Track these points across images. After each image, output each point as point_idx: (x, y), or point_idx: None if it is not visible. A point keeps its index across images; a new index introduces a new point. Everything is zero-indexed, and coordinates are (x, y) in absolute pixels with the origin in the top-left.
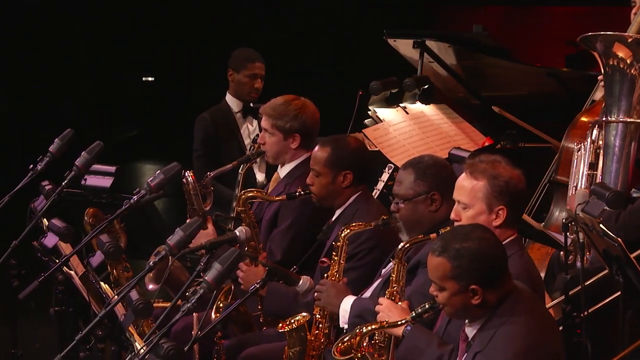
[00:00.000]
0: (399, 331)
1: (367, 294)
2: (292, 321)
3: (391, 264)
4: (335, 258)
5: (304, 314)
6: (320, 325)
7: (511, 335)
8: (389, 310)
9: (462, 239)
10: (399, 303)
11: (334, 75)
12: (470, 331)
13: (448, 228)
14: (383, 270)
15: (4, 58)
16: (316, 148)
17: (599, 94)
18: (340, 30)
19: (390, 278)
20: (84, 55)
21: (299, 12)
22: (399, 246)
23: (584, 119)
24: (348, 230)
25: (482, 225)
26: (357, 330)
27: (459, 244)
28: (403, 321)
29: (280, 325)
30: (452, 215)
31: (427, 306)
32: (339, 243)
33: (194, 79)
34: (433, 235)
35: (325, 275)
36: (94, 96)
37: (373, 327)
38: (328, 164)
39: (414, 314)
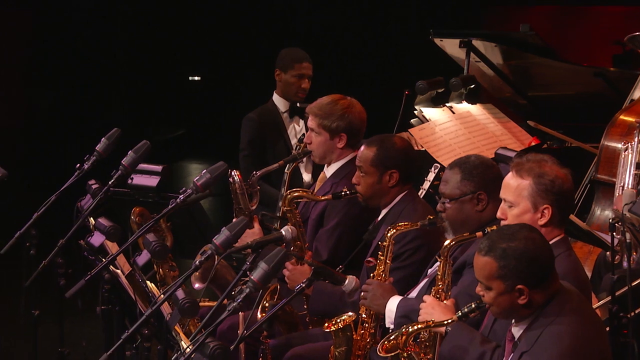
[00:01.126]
0: (442, 329)
1: (413, 294)
2: (338, 321)
3: (437, 263)
4: (382, 258)
5: (350, 313)
6: (366, 325)
7: (558, 335)
8: (432, 308)
9: (509, 239)
10: (444, 301)
11: (380, 74)
12: (516, 331)
13: (494, 227)
14: (429, 271)
15: (52, 57)
16: (362, 147)
17: (637, 93)
18: (387, 30)
19: (436, 276)
20: (132, 55)
21: (346, 12)
22: (445, 244)
23: (622, 117)
24: (394, 230)
25: (529, 225)
26: (403, 330)
27: (505, 244)
28: (449, 321)
29: (326, 325)
30: (499, 214)
31: (473, 306)
32: (385, 243)
33: (240, 78)
34: (479, 234)
35: (372, 275)
36: (141, 95)
37: (419, 326)
38: (374, 163)
39: (460, 314)
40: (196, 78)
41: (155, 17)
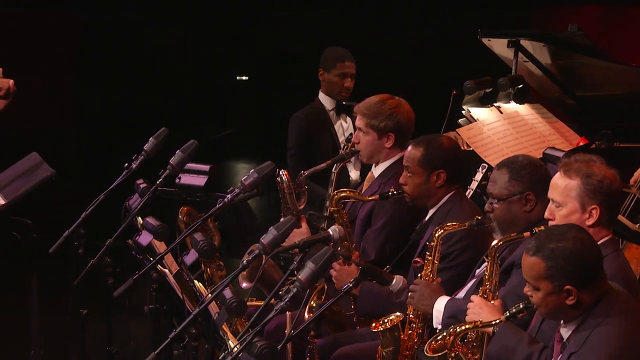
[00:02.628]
0: (490, 329)
1: (461, 294)
2: (386, 321)
3: (485, 264)
4: (429, 258)
5: (398, 313)
6: (414, 325)
7: (606, 336)
8: (479, 308)
9: (557, 239)
10: (492, 301)
11: (428, 74)
12: (565, 332)
13: (542, 227)
14: (477, 271)
15: (101, 57)
16: (409, 147)
17: None
18: (435, 29)
19: (484, 276)
20: (180, 55)
21: (394, 12)
22: (492, 244)
23: None
24: (442, 231)
25: (577, 225)
26: (451, 330)
27: (553, 244)
28: (497, 321)
29: (374, 325)
30: (546, 214)
31: (521, 306)
32: (432, 243)
33: (287, 77)
34: (527, 234)
35: (419, 275)
36: (189, 95)
37: (467, 326)
38: (421, 163)
39: (508, 314)
40: (244, 78)
41: (204, 16)
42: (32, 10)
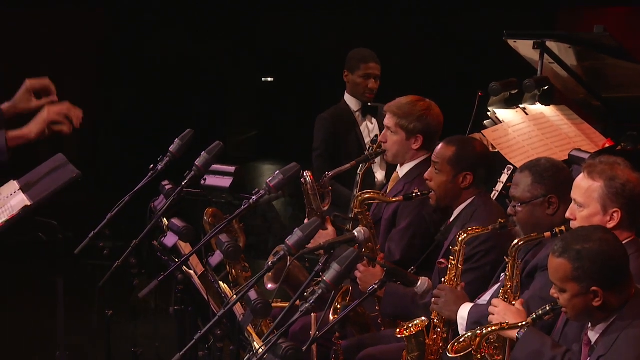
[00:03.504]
0: (513, 334)
1: (486, 297)
2: (411, 326)
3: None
4: (453, 262)
5: (423, 318)
6: (439, 330)
7: (635, 339)
8: (504, 314)
9: (584, 240)
10: (513, 302)
11: (454, 75)
12: (593, 335)
13: (563, 227)
14: (502, 276)
15: (125, 57)
16: (441, 144)
17: None
18: (460, 31)
19: (505, 276)
20: (205, 55)
21: (420, 15)
22: (512, 244)
23: None
24: (465, 235)
25: (603, 226)
26: (477, 331)
27: (580, 245)
28: (524, 323)
29: (399, 330)
30: (568, 214)
31: (547, 308)
32: (456, 247)
33: (312, 79)
34: (547, 234)
35: (443, 279)
36: (214, 96)
37: (493, 328)
38: (451, 162)
39: (534, 316)
40: (269, 79)
41: (229, 16)
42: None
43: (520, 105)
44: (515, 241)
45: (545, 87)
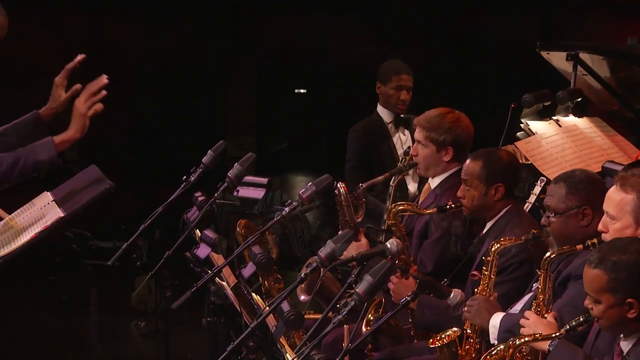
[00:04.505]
0: (544, 346)
1: (518, 307)
2: (443, 336)
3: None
4: (486, 273)
5: (455, 329)
6: (471, 340)
7: None
8: (535, 326)
9: (620, 252)
10: (545, 315)
11: (487, 87)
12: (625, 345)
13: (595, 240)
14: (534, 286)
15: (158, 70)
16: (468, 161)
17: None
18: (493, 43)
19: (537, 289)
20: (237, 68)
21: (453, 26)
22: (545, 257)
23: None
24: (498, 245)
25: None
26: (510, 342)
27: (616, 257)
28: (557, 334)
29: (431, 340)
30: (600, 226)
31: (581, 319)
32: (489, 258)
33: (344, 91)
34: (579, 247)
35: (476, 289)
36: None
37: (526, 339)
38: (480, 177)
39: (567, 327)
40: (302, 91)
41: (263, 28)
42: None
43: (554, 117)
44: (548, 254)
45: (579, 99)
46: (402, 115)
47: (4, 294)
